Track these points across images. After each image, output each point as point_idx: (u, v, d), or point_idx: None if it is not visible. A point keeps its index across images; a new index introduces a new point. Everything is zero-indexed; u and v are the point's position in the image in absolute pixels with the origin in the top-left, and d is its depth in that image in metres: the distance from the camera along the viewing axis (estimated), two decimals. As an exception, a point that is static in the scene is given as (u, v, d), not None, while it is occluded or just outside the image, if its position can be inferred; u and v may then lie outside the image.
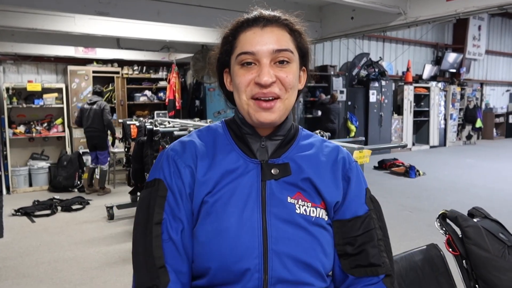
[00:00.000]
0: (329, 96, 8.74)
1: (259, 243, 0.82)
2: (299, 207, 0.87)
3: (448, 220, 1.86)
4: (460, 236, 1.70)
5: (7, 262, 3.72)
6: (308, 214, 0.87)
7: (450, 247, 1.76)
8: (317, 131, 3.01)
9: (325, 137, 2.86)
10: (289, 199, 0.87)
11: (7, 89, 6.32)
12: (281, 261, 0.82)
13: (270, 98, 0.85)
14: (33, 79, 6.82)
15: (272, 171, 0.88)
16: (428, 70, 11.60)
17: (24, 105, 6.50)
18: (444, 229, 1.80)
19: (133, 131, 4.49)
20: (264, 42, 0.85)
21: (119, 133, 6.17)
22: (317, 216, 0.88)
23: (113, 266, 3.61)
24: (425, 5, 3.93)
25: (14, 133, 6.44)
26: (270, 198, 0.86)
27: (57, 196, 5.88)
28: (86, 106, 6.09)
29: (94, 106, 6.03)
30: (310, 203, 0.88)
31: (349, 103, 9.65)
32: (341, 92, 9.37)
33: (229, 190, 0.86)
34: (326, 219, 0.89)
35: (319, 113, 9.06)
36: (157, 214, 0.84)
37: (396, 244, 4.02)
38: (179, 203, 0.86)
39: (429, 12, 3.88)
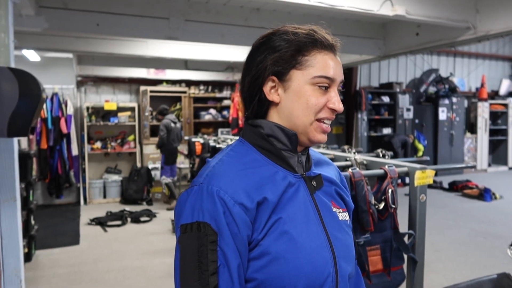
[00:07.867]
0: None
1: (330, 255, 0.86)
2: (339, 214, 0.94)
3: (522, 248, 1.72)
4: (535, 265, 1.57)
5: (82, 267, 4.02)
6: (345, 219, 0.96)
7: (523, 277, 1.63)
8: (379, 150, 2.95)
9: (387, 157, 2.78)
10: (333, 208, 0.94)
11: (87, 108, 6.94)
12: (342, 266, 0.89)
13: (330, 122, 0.91)
14: (109, 99, 7.42)
15: (313, 183, 0.91)
16: (506, 86, 10.77)
17: (101, 123, 7.07)
18: (516, 257, 1.67)
19: (198, 148, 4.68)
20: (338, 70, 0.88)
21: (185, 150, 6.49)
22: (348, 219, 0.98)
23: (175, 277, 3.76)
24: (497, 18, 3.67)
25: (92, 149, 7.02)
26: (323, 210, 0.90)
27: (127, 208, 6.27)
28: (172, 125, 6.51)
29: (177, 125, 6.61)
30: (341, 209, 0.96)
31: (416, 121, 9.24)
32: (408, 109, 9.02)
33: (291, 207, 0.85)
34: None
35: (384, 131, 8.78)
36: (211, 263, 0.76)
37: (468, 272, 3.77)
38: (232, 243, 0.79)
39: (502, 25, 3.60)
